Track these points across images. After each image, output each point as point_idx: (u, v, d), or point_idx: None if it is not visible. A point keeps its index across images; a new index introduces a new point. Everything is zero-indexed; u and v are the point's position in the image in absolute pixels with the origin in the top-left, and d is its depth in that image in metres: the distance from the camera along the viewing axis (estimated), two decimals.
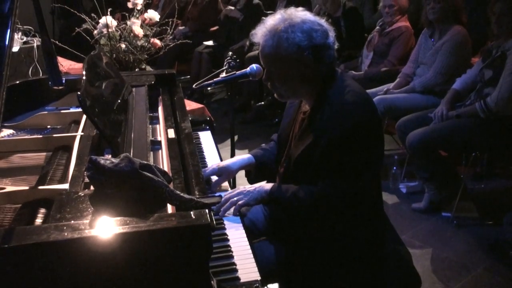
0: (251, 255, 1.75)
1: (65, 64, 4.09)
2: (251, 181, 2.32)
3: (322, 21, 1.93)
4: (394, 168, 4.12)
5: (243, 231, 1.88)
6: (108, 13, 3.55)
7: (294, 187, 1.94)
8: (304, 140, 1.95)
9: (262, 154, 2.27)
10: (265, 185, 1.99)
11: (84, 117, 2.28)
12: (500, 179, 4.10)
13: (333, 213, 1.89)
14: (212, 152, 2.54)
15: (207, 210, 1.45)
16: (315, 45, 1.86)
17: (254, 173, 2.28)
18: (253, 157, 2.25)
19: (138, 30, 3.55)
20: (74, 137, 2.14)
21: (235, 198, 1.96)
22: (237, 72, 2.46)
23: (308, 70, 1.89)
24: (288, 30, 1.85)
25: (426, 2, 3.98)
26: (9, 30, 1.55)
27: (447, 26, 3.95)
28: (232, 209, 1.96)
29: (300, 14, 1.91)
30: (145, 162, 1.61)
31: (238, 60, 2.62)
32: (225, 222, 1.93)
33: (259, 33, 1.94)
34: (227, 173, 2.19)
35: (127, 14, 3.73)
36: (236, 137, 3.94)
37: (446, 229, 3.53)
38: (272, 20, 1.92)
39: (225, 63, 2.57)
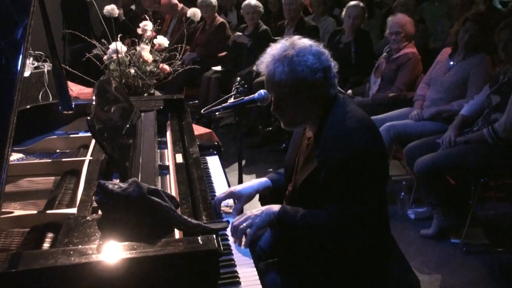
0: (258, 281, 1.74)
1: (74, 89, 4.14)
2: (264, 205, 2.32)
3: (321, 46, 1.99)
4: (402, 194, 4.10)
5: (251, 256, 1.87)
6: (118, 39, 3.59)
7: (303, 210, 1.93)
8: (308, 166, 1.96)
9: (278, 178, 2.28)
10: (273, 207, 1.97)
11: (93, 141, 2.29)
12: (509, 205, 4.06)
13: (341, 238, 1.88)
14: (219, 177, 2.54)
15: (214, 236, 1.45)
16: (325, 67, 1.91)
17: (269, 197, 2.27)
18: (270, 180, 2.26)
19: (147, 56, 3.59)
20: (83, 161, 2.15)
21: (244, 225, 1.92)
22: (245, 98, 2.48)
23: (319, 92, 1.92)
24: (299, 54, 1.89)
25: (461, 26, 3.98)
26: (21, 56, 1.57)
27: (473, 53, 3.96)
28: (243, 240, 1.93)
29: (303, 40, 1.96)
30: (153, 187, 1.62)
31: (246, 86, 2.64)
32: (233, 247, 1.92)
33: (265, 62, 1.96)
34: (244, 197, 2.18)
35: (136, 40, 3.77)
36: (243, 162, 3.94)
37: (455, 256, 3.49)
38: (276, 50, 1.95)
39: (233, 89, 2.59)
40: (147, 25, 3.76)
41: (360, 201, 1.83)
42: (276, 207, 1.96)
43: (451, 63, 4.07)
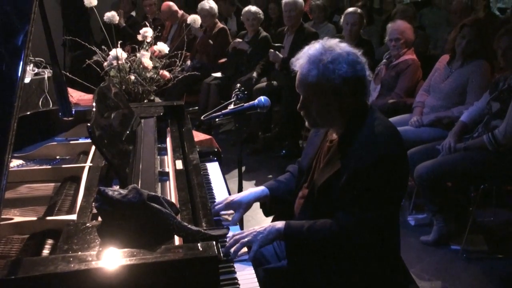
0: None
1: (75, 95, 4.14)
2: (266, 213, 2.31)
3: (360, 54, 1.95)
4: (402, 200, 4.09)
5: (250, 263, 1.87)
6: (118, 45, 3.60)
7: (308, 221, 1.92)
8: (330, 168, 1.93)
9: (277, 186, 2.26)
10: (276, 224, 1.95)
11: (93, 148, 2.29)
12: (509, 212, 4.06)
13: (352, 244, 1.86)
14: (219, 184, 2.54)
15: (214, 242, 1.45)
16: (358, 77, 1.88)
17: (269, 205, 2.26)
18: (268, 189, 2.23)
19: (147, 62, 3.60)
20: (83, 168, 2.16)
21: (246, 239, 1.90)
22: (245, 104, 2.48)
23: (347, 100, 1.90)
24: (334, 61, 1.86)
25: (458, 33, 3.99)
26: (21, 62, 1.58)
27: (471, 59, 3.97)
28: (244, 253, 1.91)
29: (342, 45, 1.92)
30: (153, 193, 1.62)
31: (246, 92, 2.64)
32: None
33: (300, 61, 1.94)
34: (242, 207, 2.16)
35: (137, 47, 3.78)
36: (243, 168, 3.94)
37: (456, 262, 3.49)
38: (313, 50, 1.92)
39: (233, 95, 2.59)
40: (147, 32, 3.77)
41: (376, 209, 1.82)
42: (279, 224, 1.94)
43: (450, 70, 4.08)
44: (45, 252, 1.63)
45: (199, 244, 1.43)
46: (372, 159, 1.81)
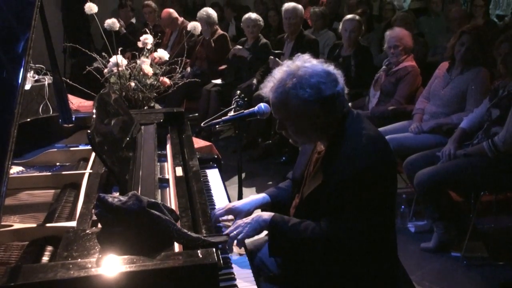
0: None
1: (75, 102, 4.15)
2: None
3: (330, 68, 1.93)
4: (402, 207, 4.09)
5: (250, 270, 1.87)
6: (119, 52, 3.61)
7: (296, 219, 1.94)
8: (316, 180, 1.95)
9: (277, 193, 2.27)
10: (263, 215, 1.98)
11: (93, 154, 2.30)
12: (510, 219, 4.05)
13: (333, 252, 1.87)
14: (219, 190, 2.54)
15: (214, 249, 1.45)
16: (324, 97, 1.87)
17: (271, 211, 2.26)
18: (269, 196, 2.24)
19: (147, 69, 3.61)
20: (83, 174, 2.16)
21: (234, 232, 1.93)
22: (245, 111, 2.48)
23: (319, 120, 1.91)
24: (296, 87, 1.86)
25: (457, 40, 4.00)
26: (22, 69, 1.59)
27: (470, 66, 3.97)
28: (235, 244, 1.93)
29: (307, 65, 1.90)
30: (153, 200, 1.62)
31: (246, 99, 2.63)
32: (232, 261, 1.91)
33: (268, 87, 1.95)
34: (242, 214, 2.16)
35: (137, 53, 3.79)
36: (243, 175, 3.94)
37: (456, 269, 3.48)
38: (279, 74, 1.92)
39: (233, 102, 2.59)
40: (147, 39, 3.78)
41: (363, 219, 1.82)
42: (266, 215, 1.97)
43: (449, 77, 4.08)
44: (45, 259, 1.63)
45: (199, 251, 1.43)
46: (354, 172, 1.81)
